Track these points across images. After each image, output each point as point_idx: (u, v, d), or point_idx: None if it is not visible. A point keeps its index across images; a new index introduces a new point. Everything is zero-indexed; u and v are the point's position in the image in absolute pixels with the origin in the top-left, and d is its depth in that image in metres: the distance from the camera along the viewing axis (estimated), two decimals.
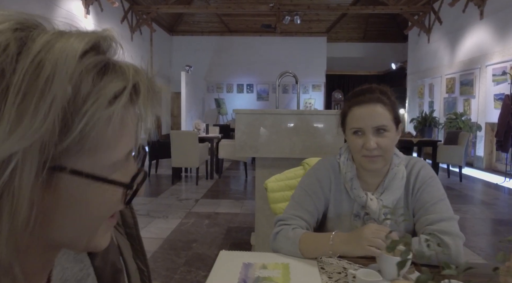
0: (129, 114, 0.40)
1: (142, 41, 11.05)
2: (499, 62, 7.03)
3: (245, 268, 0.96)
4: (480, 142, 7.68)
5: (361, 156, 1.11)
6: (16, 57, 0.33)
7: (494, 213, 4.43)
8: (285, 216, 1.17)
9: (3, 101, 0.31)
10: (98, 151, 0.37)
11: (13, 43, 0.33)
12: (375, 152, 1.08)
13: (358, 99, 1.10)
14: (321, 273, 0.96)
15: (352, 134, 1.12)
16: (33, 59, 0.33)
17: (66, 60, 0.34)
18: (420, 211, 1.11)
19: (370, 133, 1.08)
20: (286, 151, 2.66)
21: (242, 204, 4.62)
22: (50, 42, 0.35)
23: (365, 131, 1.09)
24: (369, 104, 1.09)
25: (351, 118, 1.12)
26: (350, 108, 1.12)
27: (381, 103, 1.09)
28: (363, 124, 1.09)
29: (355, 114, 1.11)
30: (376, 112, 1.08)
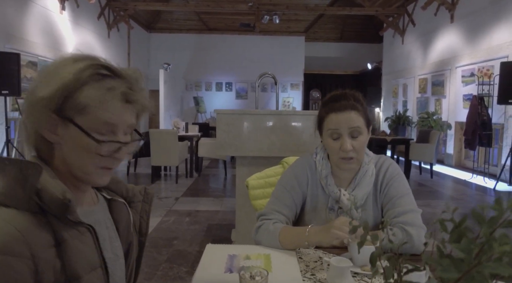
0: (116, 101, 0.69)
1: (119, 38, 10.90)
2: (468, 64, 7.36)
3: (230, 259, 1.05)
4: (450, 140, 8.02)
5: (338, 157, 1.22)
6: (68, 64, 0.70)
7: (461, 207, 4.67)
8: (266, 211, 1.27)
9: (50, 75, 0.68)
10: (90, 116, 0.68)
11: (68, 60, 0.70)
12: (351, 154, 1.19)
13: (335, 105, 1.21)
14: (299, 262, 1.06)
15: (329, 137, 1.22)
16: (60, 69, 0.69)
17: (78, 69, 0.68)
18: (388, 205, 1.22)
19: (346, 137, 1.19)
20: (265, 150, 2.75)
21: (221, 202, 4.69)
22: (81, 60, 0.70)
23: (341, 134, 1.20)
24: (345, 111, 1.19)
25: (328, 123, 1.22)
26: (328, 114, 1.22)
27: (355, 109, 1.20)
28: (340, 129, 1.19)
29: (332, 119, 1.21)
30: (351, 118, 1.19)
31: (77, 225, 0.67)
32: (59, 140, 0.69)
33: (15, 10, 6.26)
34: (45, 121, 0.67)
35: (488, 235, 0.31)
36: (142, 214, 0.88)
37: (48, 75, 0.67)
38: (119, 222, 0.82)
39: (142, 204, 0.88)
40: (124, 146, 0.71)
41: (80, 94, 0.66)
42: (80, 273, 0.65)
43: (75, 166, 0.70)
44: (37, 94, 0.66)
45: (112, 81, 0.69)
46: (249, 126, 2.73)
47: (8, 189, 0.61)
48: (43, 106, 0.66)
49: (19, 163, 0.63)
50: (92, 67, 0.68)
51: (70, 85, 0.66)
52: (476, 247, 0.31)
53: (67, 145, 0.69)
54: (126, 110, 0.71)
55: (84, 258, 0.67)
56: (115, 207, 0.83)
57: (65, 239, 0.64)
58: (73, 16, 8.28)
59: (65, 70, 0.66)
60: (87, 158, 0.69)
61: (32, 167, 0.63)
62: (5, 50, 5.87)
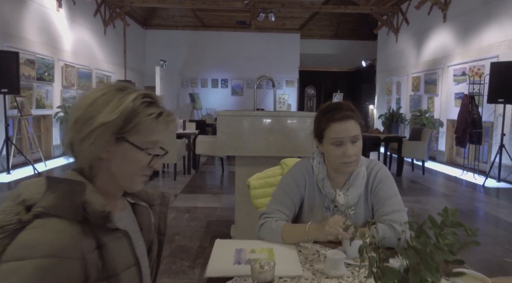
0: (159, 124, 0.85)
1: (115, 35, 10.94)
2: (460, 63, 7.53)
3: (237, 252, 1.18)
4: (442, 138, 8.21)
5: (339, 162, 1.35)
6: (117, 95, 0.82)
7: (451, 204, 4.85)
8: (268, 210, 1.40)
9: (107, 105, 0.80)
10: (141, 135, 0.82)
11: (113, 92, 0.82)
12: (353, 158, 1.33)
13: (335, 116, 1.34)
14: (299, 255, 1.20)
15: (331, 145, 1.35)
16: (122, 97, 0.83)
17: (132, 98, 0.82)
18: (377, 205, 1.37)
19: (349, 143, 1.33)
20: (264, 150, 2.88)
21: (220, 199, 4.82)
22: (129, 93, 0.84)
23: (344, 142, 1.33)
24: (346, 121, 1.33)
25: (330, 132, 1.35)
26: (329, 124, 1.35)
27: (354, 119, 1.35)
28: (343, 137, 1.33)
29: (334, 129, 1.34)
30: (352, 127, 1.33)
31: (114, 231, 0.80)
32: (110, 156, 0.82)
33: (12, 8, 6.30)
34: (104, 141, 0.79)
35: (437, 233, 0.44)
36: (160, 216, 1.01)
37: (105, 105, 0.80)
38: (142, 224, 0.95)
39: (160, 206, 1.01)
40: (162, 157, 0.87)
41: (135, 119, 0.81)
42: (117, 271, 0.79)
43: (123, 176, 0.84)
44: (98, 121, 0.78)
45: (156, 108, 0.84)
46: (248, 127, 2.86)
47: (60, 203, 0.74)
48: (105, 129, 0.78)
49: (68, 181, 0.77)
50: (141, 96, 0.83)
51: (129, 112, 0.80)
52: (429, 242, 0.44)
53: (117, 160, 0.82)
54: (165, 131, 0.87)
55: (121, 258, 0.81)
56: (138, 210, 0.96)
57: (105, 243, 0.78)
58: (69, 13, 8.32)
59: (124, 100, 0.80)
60: (135, 169, 0.84)
61: (78, 184, 0.76)
62: (3, 49, 5.93)
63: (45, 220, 0.73)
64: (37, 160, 6.63)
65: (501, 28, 6.38)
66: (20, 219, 0.72)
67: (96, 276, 0.75)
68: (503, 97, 5.61)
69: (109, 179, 0.84)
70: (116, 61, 10.97)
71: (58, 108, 7.67)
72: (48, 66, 7.41)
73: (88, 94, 0.84)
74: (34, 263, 0.67)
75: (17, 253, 0.69)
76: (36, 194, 0.76)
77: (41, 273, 0.67)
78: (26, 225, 0.72)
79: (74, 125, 0.81)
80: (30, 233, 0.71)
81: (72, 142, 0.82)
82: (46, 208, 0.73)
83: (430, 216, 0.48)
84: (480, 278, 0.91)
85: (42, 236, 0.70)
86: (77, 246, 0.72)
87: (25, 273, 0.67)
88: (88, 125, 0.79)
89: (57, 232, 0.71)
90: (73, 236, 0.72)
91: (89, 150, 0.79)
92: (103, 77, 10.03)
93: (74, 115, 0.82)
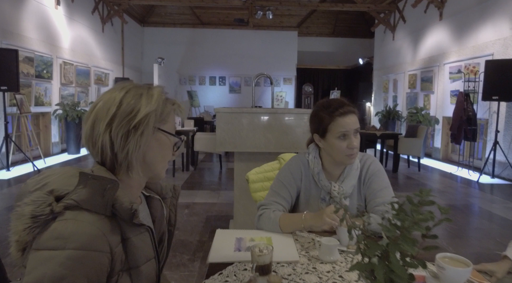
0: (175, 114, 0.95)
1: (113, 32, 10.96)
2: (455, 61, 7.61)
3: (238, 241, 1.25)
4: (438, 135, 8.30)
5: (344, 155, 1.43)
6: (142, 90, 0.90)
7: (446, 199, 4.94)
8: (266, 202, 1.47)
9: (141, 98, 0.87)
10: (168, 123, 0.91)
11: (134, 89, 0.89)
12: (355, 150, 1.42)
13: (340, 111, 1.42)
14: (296, 243, 1.27)
15: (337, 139, 1.42)
16: (149, 91, 0.90)
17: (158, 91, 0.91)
18: (370, 196, 1.44)
19: (352, 136, 1.41)
20: (262, 146, 2.95)
21: (218, 195, 4.89)
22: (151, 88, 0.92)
23: (349, 134, 1.41)
24: (350, 115, 1.42)
25: (336, 126, 1.42)
26: (334, 119, 1.42)
27: (355, 113, 1.44)
28: (349, 129, 1.41)
29: (340, 122, 1.41)
30: (354, 120, 1.43)
31: (139, 226, 0.86)
32: (147, 146, 0.87)
33: (11, 6, 6.33)
34: (150, 130, 0.86)
35: (413, 210, 0.51)
36: (171, 208, 1.07)
37: (139, 99, 0.86)
38: (155, 216, 1.00)
39: (171, 199, 1.07)
40: (183, 142, 0.97)
41: (166, 109, 0.89)
42: (139, 263, 0.85)
43: (157, 164, 0.91)
44: (142, 111, 0.84)
45: (171, 100, 0.93)
46: (247, 124, 2.92)
47: (92, 198, 0.78)
48: (150, 118, 0.85)
49: (101, 178, 0.81)
50: (162, 91, 0.92)
51: (163, 102, 0.89)
52: (407, 218, 0.51)
53: (153, 149, 0.89)
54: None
55: (143, 251, 0.87)
56: (152, 202, 1.01)
57: (129, 237, 0.84)
58: (68, 11, 8.34)
59: (153, 92, 0.89)
60: (167, 155, 0.93)
61: (110, 182, 0.81)
62: (2, 46, 5.96)
63: (77, 213, 0.77)
64: (36, 157, 6.68)
65: (496, 26, 6.46)
66: (52, 210, 0.76)
67: (119, 268, 0.80)
68: (498, 95, 5.69)
69: (141, 170, 0.88)
70: (114, 58, 10.99)
71: (56, 105, 7.71)
72: (47, 63, 7.44)
73: (107, 96, 0.87)
74: (66, 253, 0.72)
75: (51, 243, 0.73)
76: (65, 186, 0.81)
77: (72, 264, 0.72)
78: (56, 216, 0.76)
79: (110, 124, 0.83)
80: (64, 225, 0.75)
81: (112, 140, 0.83)
82: (78, 202, 0.77)
83: (408, 196, 0.55)
84: (463, 261, 0.98)
85: (75, 228, 0.75)
86: (106, 240, 0.77)
87: (57, 262, 0.71)
88: (132, 118, 0.83)
89: (89, 225, 0.76)
90: (103, 230, 0.77)
91: (137, 143, 0.83)
92: (101, 75, 10.06)
93: (105, 115, 0.84)
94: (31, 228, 0.75)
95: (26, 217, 0.75)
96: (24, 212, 0.76)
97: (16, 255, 0.80)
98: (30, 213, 0.75)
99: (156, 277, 0.94)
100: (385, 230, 0.53)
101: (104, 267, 0.76)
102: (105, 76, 10.29)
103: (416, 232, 0.51)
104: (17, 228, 0.76)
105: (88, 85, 9.33)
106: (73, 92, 8.57)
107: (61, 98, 8.01)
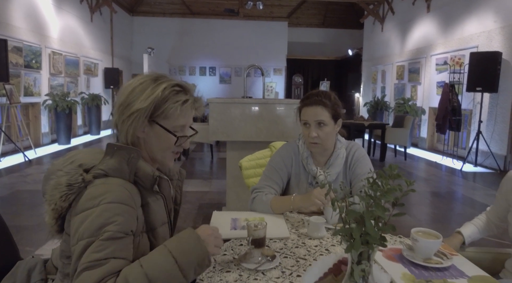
0: (185, 110, 0.99)
1: (102, 22, 10.85)
2: (442, 53, 7.78)
3: (233, 221, 1.36)
4: (424, 125, 8.51)
5: (307, 142, 1.57)
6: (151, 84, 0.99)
7: (431, 187, 5.13)
8: (259, 186, 1.59)
9: (143, 93, 0.96)
10: (170, 119, 0.98)
11: (148, 82, 0.99)
12: (316, 140, 1.53)
13: (307, 101, 1.55)
14: (287, 222, 1.39)
15: (302, 126, 1.57)
16: (154, 87, 0.98)
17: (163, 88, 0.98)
18: (354, 181, 1.56)
19: (313, 126, 1.53)
20: (253, 135, 3.05)
21: (210, 184, 4.99)
22: (161, 83, 0.99)
23: (310, 124, 1.53)
24: (313, 106, 1.52)
25: (302, 114, 1.57)
26: (302, 107, 1.57)
27: (322, 105, 1.52)
28: (308, 119, 1.54)
29: (304, 111, 1.55)
30: (318, 111, 1.52)
31: (156, 193, 0.99)
32: (145, 136, 0.99)
33: None
34: (139, 123, 0.96)
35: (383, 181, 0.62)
36: (177, 189, 1.17)
37: (141, 93, 0.96)
38: (164, 194, 1.09)
39: (177, 181, 1.17)
40: (189, 138, 1.04)
41: (164, 106, 0.97)
42: (156, 225, 0.98)
43: (157, 152, 1.01)
44: (135, 107, 0.95)
45: (184, 95, 1.00)
46: (239, 114, 3.02)
47: (118, 165, 0.91)
48: (139, 114, 0.95)
49: (126, 148, 0.94)
50: (170, 86, 0.98)
51: (158, 99, 0.96)
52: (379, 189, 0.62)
53: (151, 140, 1.00)
54: (192, 115, 1.03)
55: (159, 215, 0.99)
56: (161, 182, 1.09)
57: (148, 202, 0.97)
58: (56, 0, 8.24)
59: (155, 90, 0.96)
60: (166, 148, 1.01)
61: (134, 151, 0.94)
62: None
63: (105, 179, 0.90)
64: (27, 148, 6.67)
65: (480, 19, 6.62)
66: (84, 178, 0.89)
67: (140, 228, 0.92)
68: (481, 86, 5.88)
69: (146, 155, 1.02)
70: (103, 48, 10.91)
71: (46, 96, 7.68)
72: (36, 53, 7.38)
73: (130, 82, 1.01)
74: (101, 207, 0.84)
75: (86, 204, 0.86)
76: (91, 160, 0.94)
77: (107, 214, 0.84)
78: (88, 184, 0.89)
79: (118, 109, 0.98)
80: (95, 188, 0.88)
81: (116, 123, 0.99)
82: (106, 170, 0.90)
83: (379, 171, 0.66)
84: (434, 234, 1.11)
85: (106, 188, 0.88)
86: (133, 199, 0.89)
87: (94, 216, 0.83)
88: (127, 110, 0.96)
89: (117, 186, 0.89)
90: (130, 191, 0.90)
91: (129, 130, 0.96)
92: (90, 65, 9.99)
93: (119, 100, 0.99)
94: (67, 195, 0.88)
95: (62, 185, 0.88)
96: (60, 182, 0.89)
97: (50, 223, 0.93)
98: (66, 182, 0.88)
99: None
100: (361, 199, 0.64)
101: (133, 220, 0.88)
102: (94, 66, 10.22)
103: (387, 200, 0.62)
104: (55, 197, 0.89)
105: (77, 75, 9.28)
106: (63, 82, 8.52)
107: (50, 89, 7.97)
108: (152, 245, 0.96)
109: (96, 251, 0.80)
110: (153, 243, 0.96)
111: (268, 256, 1.04)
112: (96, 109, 9.67)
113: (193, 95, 1.03)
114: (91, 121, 9.72)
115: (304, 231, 1.29)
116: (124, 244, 0.85)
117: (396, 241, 1.25)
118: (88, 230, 0.82)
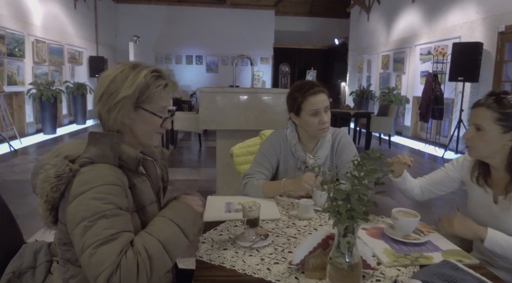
0: (166, 93, 1.06)
1: (86, 9, 10.64)
2: (426, 43, 7.93)
3: (227, 205, 1.44)
4: (408, 114, 8.71)
5: (317, 129, 1.63)
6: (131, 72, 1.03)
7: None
8: (250, 171, 1.67)
9: (125, 81, 1.01)
10: (153, 103, 1.04)
11: (128, 70, 1.04)
12: (327, 124, 1.62)
13: (311, 91, 1.62)
14: (278, 205, 1.48)
15: (310, 116, 1.62)
16: (135, 74, 1.03)
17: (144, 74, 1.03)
18: (341, 165, 1.66)
19: (323, 112, 1.61)
20: (243, 124, 3.13)
21: (199, 172, 5.06)
22: (141, 70, 1.05)
23: (320, 111, 1.61)
24: (320, 94, 1.62)
25: (308, 104, 1.62)
26: (306, 98, 1.62)
27: (324, 92, 1.64)
28: (320, 106, 1.61)
29: (311, 101, 1.62)
30: (325, 98, 1.63)
31: (141, 175, 1.05)
32: (132, 121, 1.04)
33: None
34: (126, 110, 1.01)
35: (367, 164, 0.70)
36: (162, 168, 1.23)
37: (123, 81, 1.01)
38: (150, 174, 1.15)
39: (161, 160, 1.24)
40: (170, 119, 1.11)
41: (148, 91, 1.02)
42: (144, 204, 1.04)
43: (143, 136, 1.06)
44: (120, 95, 1.00)
45: (163, 80, 1.06)
46: (228, 103, 3.08)
47: (102, 152, 0.96)
48: (126, 101, 1.00)
49: (107, 135, 0.99)
50: (150, 71, 1.04)
51: (142, 86, 1.01)
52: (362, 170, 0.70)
53: (138, 123, 1.05)
54: (170, 97, 1.10)
55: (147, 194, 1.05)
56: (146, 164, 1.16)
57: (135, 183, 1.02)
58: None
59: (137, 76, 1.01)
60: (152, 129, 1.06)
61: (116, 137, 0.99)
62: None
63: (92, 166, 0.95)
64: (12, 138, 6.59)
65: (463, 10, 6.77)
66: (71, 168, 0.93)
67: (130, 208, 0.98)
68: (463, 76, 6.05)
69: (132, 139, 1.07)
70: (87, 36, 10.73)
71: (30, 84, 7.55)
72: (18, 41, 7.23)
73: (108, 72, 1.04)
74: (93, 190, 0.90)
75: (78, 190, 0.91)
76: (75, 150, 0.98)
77: (101, 196, 0.89)
78: (75, 173, 0.94)
79: (100, 100, 1.02)
80: (84, 175, 0.93)
81: (100, 113, 1.03)
82: (91, 158, 0.95)
83: (363, 154, 0.74)
84: (413, 214, 1.21)
85: (94, 173, 0.93)
86: (121, 180, 0.95)
87: (88, 199, 0.89)
88: (112, 98, 1.00)
89: (105, 169, 0.94)
90: (116, 174, 0.95)
91: (116, 118, 1.01)
92: (75, 53, 9.83)
93: (99, 90, 1.02)
94: (57, 186, 0.93)
95: (51, 177, 0.92)
96: (49, 174, 0.93)
97: (45, 215, 0.97)
98: (54, 174, 0.92)
99: None
100: (347, 179, 0.73)
101: (124, 198, 0.95)
102: (79, 54, 10.06)
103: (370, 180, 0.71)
104: (45, 189, 0.93)
105: (61, 63, 9.13)
106: (47, 71, 8.39)
107: (34, 77, 7.84)
108: (143, 223, 1.02)
109: (108, 228, 0.87)
110: (144, 221, 1.02)
111: (262, 235, 1.13)
112: (81, 98, 9.55)
113: (171, 79, 1.09)
114: (77, 111, 9.61)
115: (294, 212, 1.38)
116: (127, 218, 0.93)
117: (379, 221, 1.36)
118: (86, 212, 0.87)
